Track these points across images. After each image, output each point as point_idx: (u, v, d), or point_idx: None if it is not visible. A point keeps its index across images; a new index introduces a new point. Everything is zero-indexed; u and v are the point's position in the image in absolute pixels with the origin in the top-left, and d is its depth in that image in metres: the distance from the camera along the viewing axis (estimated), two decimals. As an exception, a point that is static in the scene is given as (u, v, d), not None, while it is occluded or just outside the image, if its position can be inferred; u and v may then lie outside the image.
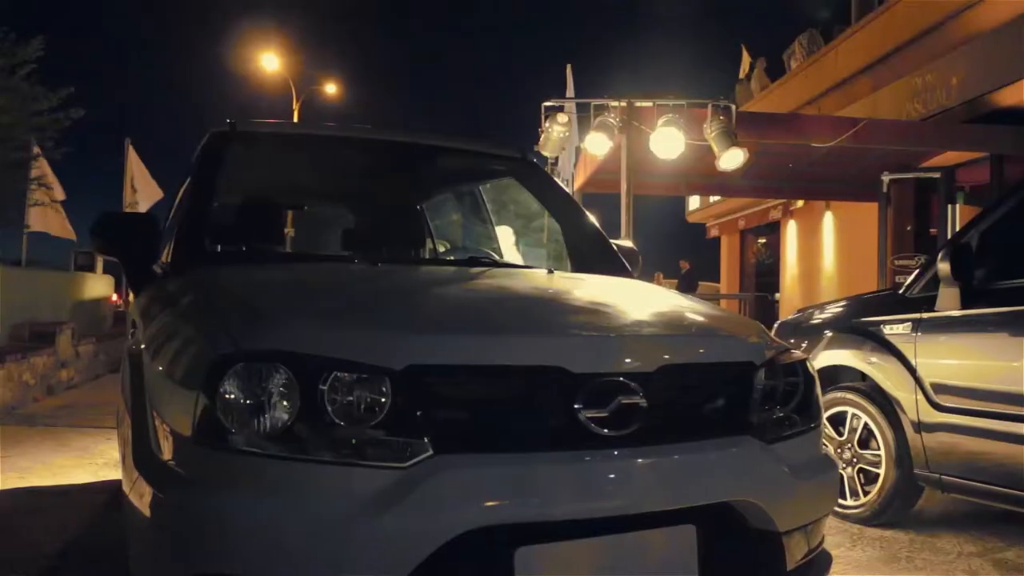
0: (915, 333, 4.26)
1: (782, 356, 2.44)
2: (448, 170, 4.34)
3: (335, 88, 26.22)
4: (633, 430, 2.02)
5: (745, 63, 20.29)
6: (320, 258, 3.58)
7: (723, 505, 2.13)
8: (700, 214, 21.15)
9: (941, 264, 4.03)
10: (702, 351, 2.32)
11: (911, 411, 4.25)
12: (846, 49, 14.09)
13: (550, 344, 2.09)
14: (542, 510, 1.91)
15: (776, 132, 9.83)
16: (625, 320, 2.43)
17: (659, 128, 8.16)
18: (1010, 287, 3.96)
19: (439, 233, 4.72)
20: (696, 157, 9.10)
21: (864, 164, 10.71)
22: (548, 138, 9.02)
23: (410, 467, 1.84)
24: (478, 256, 3.55)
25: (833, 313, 5.07)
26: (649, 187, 11.83)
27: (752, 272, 20.66)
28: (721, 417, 2.27)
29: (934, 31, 11.28)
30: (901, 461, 4.34)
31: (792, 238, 17.13)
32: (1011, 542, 4.24)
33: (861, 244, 12.46)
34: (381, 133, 3.94)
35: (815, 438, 2.49)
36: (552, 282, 2.99)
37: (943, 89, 10.27)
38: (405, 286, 2.78)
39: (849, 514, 4.55)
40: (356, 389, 1.89)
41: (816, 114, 13.48)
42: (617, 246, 3.65)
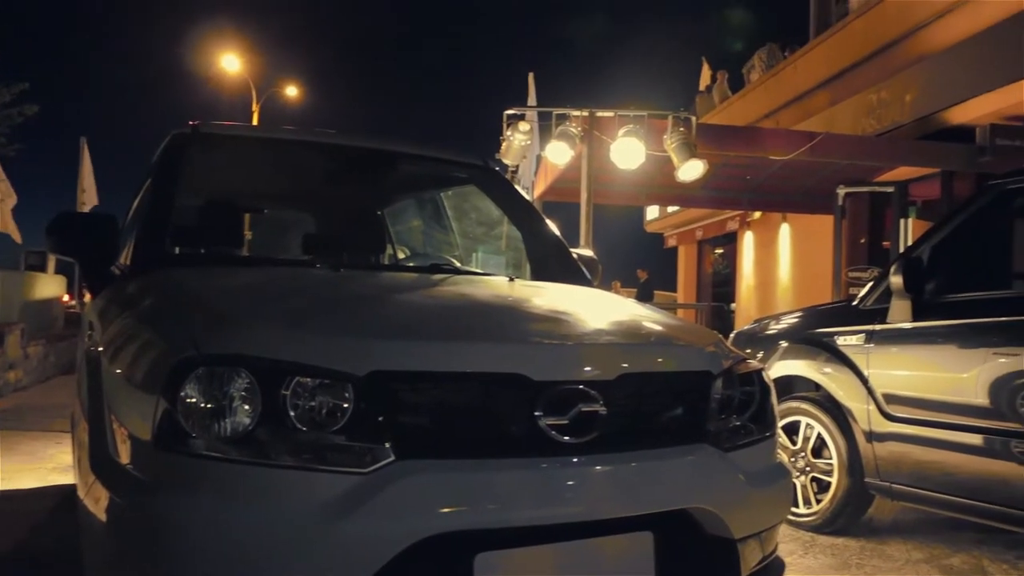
0: (868, 344, 4.34)
1: (739, 366, 2.48)
2: (409, 176, 4.34)
3: (296, 91, 26.05)
4: (592, 437, 2.05)
5: (706, 75, 20.51)
6: (282, 262, 3.56)
7: (680, 512, 2.16)
8: (658, 224, 21.30)
9: (893, 277, 4.12)
10: (660, 360, 2.35)
11: (863, 421, 4.32)
12: (804, 64, 14.29)
13: (511, 352, 2.10)
14: (502, 516, 1.92)
15: (735, 144, 9.95)
16: (585, 329, 2.46)
17: (620, 138, 8.22)
18: (959, 300, 4.05)
19: (400, 239, 4.71)
20: (656, 168, 9.18)
21: (820, 177, 10.88)
22: (510, 146, 9.05)
23: (371, 473, 1.84)
24: (440, 263, 3.56)
25: (788, 324, 5.15)
26: (609, 196, 11.92)
27: (709, 282, 20.84)
28: (678, 425, 2.30)
29: (889, 49, 11.49)
30: (853, 470, 4.41)
31: (749, 249, 17.32)
32: (957, 548, 4.33)
33: (816, 256, 12.63)
34: (343, 138, 3.93)
35: (770, 447, 2.53)
36: (513, 290, 3.01)
37: (897, 106, 10.47)
38: (367, 292, 2.77)
39: (802, 522, 4.62)
40: (318, 394, 1.89)
41: (774, 127, 13.66)
42: (577, 255, 3.68)
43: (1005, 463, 3.70)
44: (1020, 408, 3.63)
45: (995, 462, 3.75)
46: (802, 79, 14.19)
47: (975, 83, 9.17)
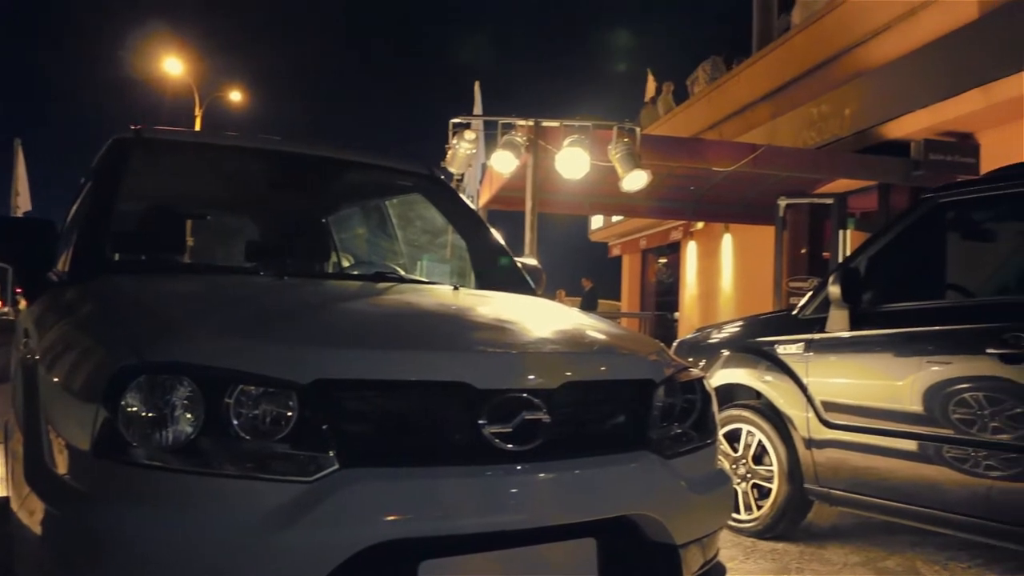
0: (807, 353, 4.42)
1: (680, 374, 2.52)
2: (354, 184, 4.33)
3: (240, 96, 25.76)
4: (536, 445, 2.06)
5: (651, 87, 20.69)
6: (225, 270, 3.52)
7: (622, 519, 2.18)
8: (603, 233, 21.41)
9: (831, 287, 4.20)
10: (603, 368, 2.38)
11: (802, 428, 4.40)
12: (747, 77, 14.51)
13: (455, 360, 2.11)
14: (446, 524, 1.93)
15: (678, 155, 10.06)
16: (529, 337, 2.47)
17: (565, 148, 8.27)
18: (894, 310, 4.15)
19: (344, 247, 4.68)
20: (600, 177, 9.25)
21: (762, 188, 11.05)
22: (455, 154, 9.06)
23: (315, 481, 1.84)
24: (385, 271, 3.56)
25: (730, 333, 5.22)
26: (554, 205, 11.97)
27: (653, 291, 21.00)
28: (621, 433, 2.32)
29: (829, 64, 11.71)
30: (792, 476, 4.49)
31: (692, 258, 17.50)
32: (892, 551, 4.43)
33: (758, 266, 12.81)
34: (288, 145, 3.90)
35: (711, 453, 2.57)
36: (457, 299, 3.02)
37: (836, 120, 10.68)
38: (312, 300, 2.76)
39: (743, 528, 4.68)
40: (262, 403, 1.88)
41: (717, 139, 13.84)
42: (521, 263, 3.70)
43: (938, 468, 3.79)
44: (952, 414, 3.73)
45: (928, 467, 3.84)
46: (745, 92, 14.40)
47: (909, 99, 9.41)
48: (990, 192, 4.17)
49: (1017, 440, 3.52)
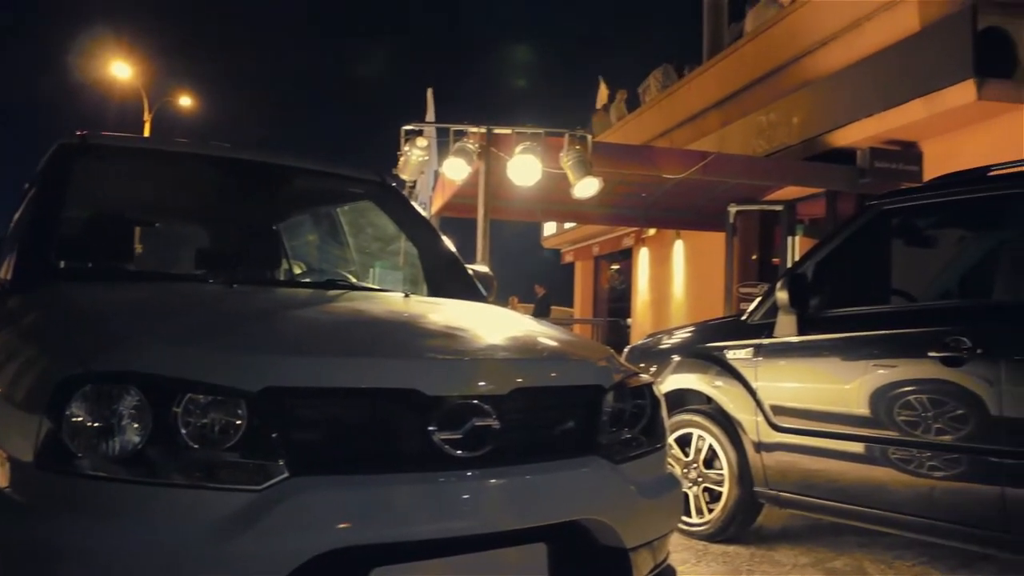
0: (756, 358, 4.48)
1: (630, 380, 2.54)
2: (305, 191, 4.31)
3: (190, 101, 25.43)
4: (486, 451, 2.07)
5: (603, 94, 20.82)
6: (174, 277, 3.49)
7: (573, 523, 2.19)
8: (555, 240, 21.50)
9: (779, 293, 4.26)
10: (553, 375, 2.39)
11: (752, 432, 4.45)
12: (698, 85, 14.66)
13: (405, 367, 2.12)
14: (397, 531, 1.93)
15: (630, 163, 10.14)
16: (479, 344, 2.48)
17: (517, 155, 8.29)
18: (841, 315, 4.22)
19: (295, 254, 4.66)
20: (553, 184, 9.28)
21: (712, 195, 11.17)
22: (407, 161, 9.02)
23: (265, 490, 1.83)
24: (335, 279, 3.54)
25: (681, 338, 5.26)
26: (506, 212, 11.99)
27: (605, 297, 21.10)
28: (571, 438, 2.34)
29: (778, 73, 11.88)
30: (743, 480, 4.54)
31: (644, 265, 17.63)
32: (840, 552, 4.51)
33: (709, 272, 12.93)
34: (238, 152, 3.88)
35: (660, 458, 2.60)
36: (408, 306, 3.02)
37: (785, 128, 10.85)
38: (261, 307, 2.75)
39: (695, 531, 4.72)
40: (211, 411, 1.86)
41: (668, 147, 13.96)
42: (473, 271, 3.71)
43: (884, 469, 3.87)
44: (897, 417, 3.80)
45: (875, 469, 3.91)
46: (696, 100, 14.55)
47: (855, 109, 9.59)
48: (931, 200, 4.28)
49: (959, 441, 3.60)
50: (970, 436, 3.56)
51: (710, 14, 16.03)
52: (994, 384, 3.48)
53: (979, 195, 4.02)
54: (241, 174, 3.84)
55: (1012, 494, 3.42)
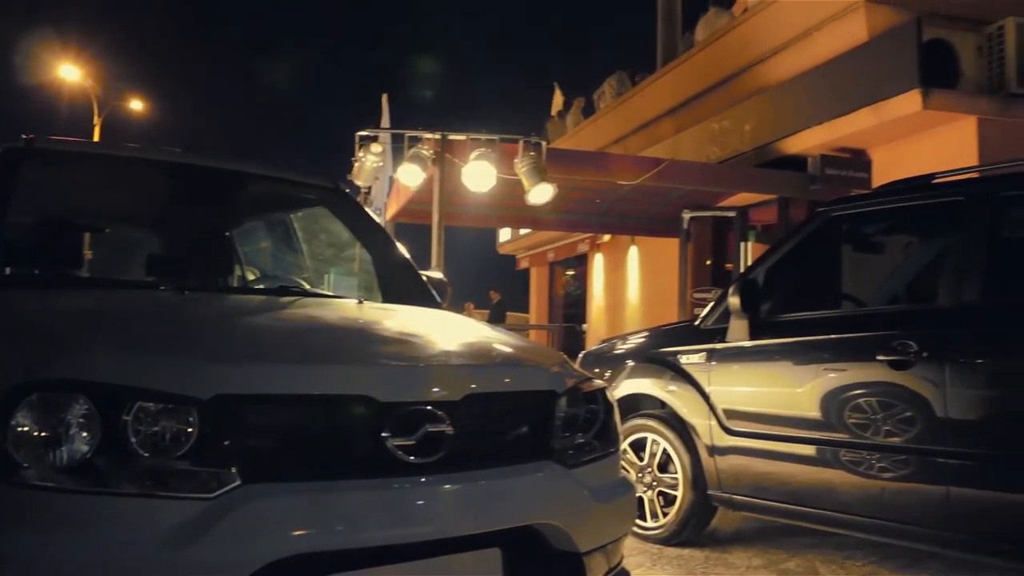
0: (709, 363, 4.52)
1: (583, 385, 2.56)
2: (258, 197, 4.27)
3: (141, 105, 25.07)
4: (440, 457, 2.07)
5: (558, 100, 20.89)
6: (123, 284, 3.44)
7: (527, 528, 2.21)
8: (511, 246, 21.50)
9: (731, 298, 4.31)
10: (507, 380, 2.40)
11: (705, 436, 4.49)
12: (652, 92, 14.76)
13: (358, 373, 2.11)
14: (351, 537, 1.92)
15: (584, 169, 10.19)
16: (432, 350, 2.48)
17: (471, 161, 8.31)
18: (791, 320, 4.28)
19: (249, 261, 4.62)
20: (507, 190, 9.31)
21: (666, 201, 11.27)
22: (362, 167, 9.02)
23: (216, 497, 1.82)
24: (288, 285, 3.52)
25: (634, 344, 5.30)
26: (461, 218, 12.01)
27: (561, 303, 21.15)
28: (525, 443, 2.35)
29: (730, 81, 12.00)
30: (696, 483, 4.58)
31: (599, 271, 17.71)
32: (793, 553, 4.56)
33: (663, 277, 13.03)
34: (190, 157, 3.84)
35: (614, 462, 2.62)
36: (361, 312, 3.01)
37: (737, 135, 10.97)
38: (213, 314, 2.72)
39: (650, 535, 4.75)
40: (161, 419, 1.85)
41: (622, 153, 14.06)
42: (427, 277, 3.71)
43: (835, 471, 3.92)
44: (847, 419, 3.86)
45: (826, 471, 3.97)
46: (650, 107, 14.65)
47: (805, 116, 9.73)
48: (878, 206, 4.36)
49: (906, 442, 3.67)
50: (917, 437, 3.63)
51: (664, 22, 16.16)
52: (939, 387, 3.54)
53: (924, 202, 4.11)
54: (193, 180, 3.80)
55: (957, 493, 3.49)
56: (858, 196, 4.80)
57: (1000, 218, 3.81)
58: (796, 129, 9.87)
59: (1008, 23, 8.40)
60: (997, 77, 8.51)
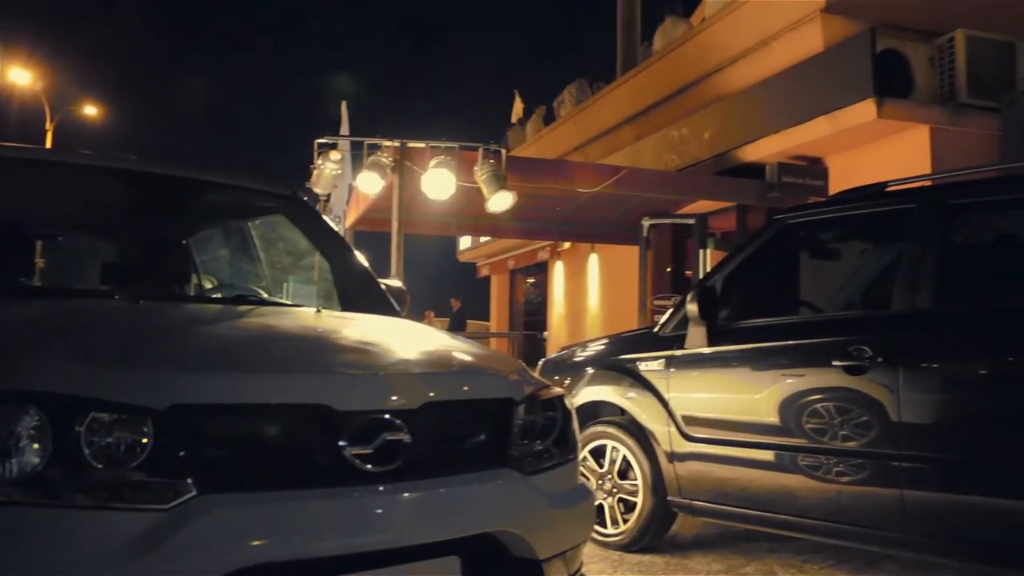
0: (668, 369, 4.55)
1: (541, 392, 2.57)
2: (215, 205, 4.24)
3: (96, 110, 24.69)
4: (398, 465, 2.07)
5: (518, 108, 20.95)
6: (76, 293, 3.39)
7: (486, 535, 2.21)
8: (471, 254, 21.52)
9: (689, 305, 4.34)
10: (464, 388, 2.41)
11: (664, 442, 4.52)
12: (611, 100, 14.85)
13: (315, 382, 2.11)
14: (308, 547, 1.91)
15: (544, 177, 10.22)
16: (390, 359, 2.48)
17: (431, 169, 8.30)
18: (748, 326, 4.32)
19: (206, 269, 4.57)
20: (467, 198, 9.32)
21: (626, 209, 11.34)
22: (320, 175, 8.97)
23: (172, 508, 1.80)
24: (245, 294, 3.49)
25: (594, 351, 5.31)
26: (421, 226, 12.00)
27: (521, 311, 21.20)
28: (483, 451, 2.36)
29: (689, 90, 12.11)
30: (656, 490, 4.59)
31: (559, 278, 17.76)
32: (752, 557, 4.60)
33: (623, 284, 13.09)
34: (145, 164, 3.80)
35: (572, 469, 2.63)
36: (319, 321, 3.00)
37: (696, 143, 11.07)
38: (169, 323, 2.69)
39: (610, 542, 4.77)
40: (116, 430, 1.83)
41: (582, 161, 14.12)
42: (386, 285, 3.70)
43: (793, 476, 3.96)
44: (804, 424, 3.90)
45: (784, 475, 4.01)
46: (609, 115, 14.74)
47: (763, 125, 9.85)
48: (832, 214, 4.42)
49: (862, 446, 3.71)
50: (872, 441, 3.68)
51: (624, 31, 16.29)
52: (894, 391, 3.60)
53: (877, 210, 4.17)
54: (148, 187, 3.75)
55: (910, 496, 3.54)
56: (813, 204, 4.87)
57: (951, 225, 3.88)
58: (754, 137, 9.98)
59: (958, 35, 8.58)
60: (948, 87, 8.69)
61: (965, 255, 4.09)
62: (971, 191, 4.03)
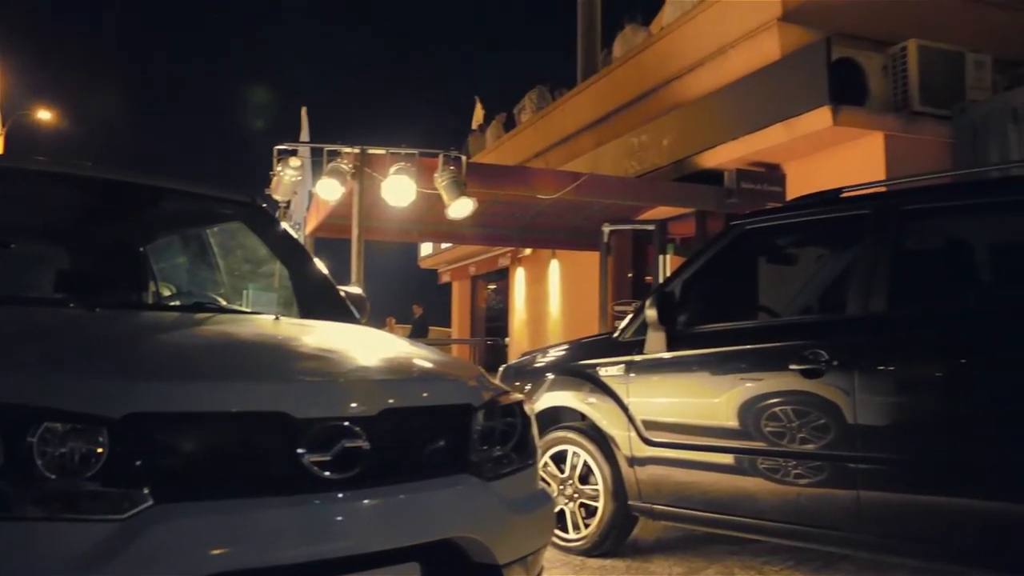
0: (628, 374, 4.57)
1: (500, 398, 2.58)
2: (173, 212, 4.20)
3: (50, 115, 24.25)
4: (357, 472, 2.07)
5: (479, 115, 20.97)
6: (31, 301, 3.34)
7: (446, 542, 2.21)
8: (432, 260, 21.46)
9: (648, 310, 4.37)
10: (423, 395, 2.41)
11: (625, 447, 4.54)
12: (572, 107, 14.92)
13: (272, 390, 2.10)
14: (267, 555, 1.91)
15: (504, 183, 10.24)
16: (348, 366, 2.48)
17: (391, 176, 8.28)
18: (707, 331, 4.36)
19: (164, 277, 4.53)
20: (428, 205, 9.31)
21: (586, 215, 11.38)
22: (280, 181, 8.91)
23: (128, 519, 1.78)
24: (203, 301, 3.47)
25: (555, 356, 5.33)
26: (382, 233, 11.96)
27: (483, 317, 21.18)
28: (442, 457, 2.36)
29: (648, 97, 12.20)
30: (617, 494, 4.62)
31: (521, 284, 17.78)
32: (712, 560, 4.63)
33: (584, 290, 13.15)
34: (101, 171, 3.76)
35: (532, 474, 2.64)
36: (277, 328, 2.98)
37: (656, 149, 11.14)
38: (125, 332, 2.67)
39: (572, 547, 4.78)
40: (70, 440, 1.81)
41: (543, 167, 14.16)
42: (345, 292, 3.70)
43: (753, 479, 4.00)
44: (763, 428, 3.95)
45: (744, 479, 4.05)
46: (569, 121, 14.80)
47: (721, 132, 9.93)
48: (788, 219, 4.48)
49: (819, 448, 3.76)
50: (829, 444, 3.73)
51: (584, 38, 16.38)
52: (849, 394, 3.65)
53: (832, 215, 4.23)
54: (105, 194, 3.72)
55: (866, 497, 3.60)
56: (769, 210, 4.93)
57: (904, 231, 3.95)
58: (713, 144, 10.07)
59: (910, 44, 8.75)
60: (902, 95, 8.84)
61: (918, 260, 4.16)
62: (923, 197, 4.10)
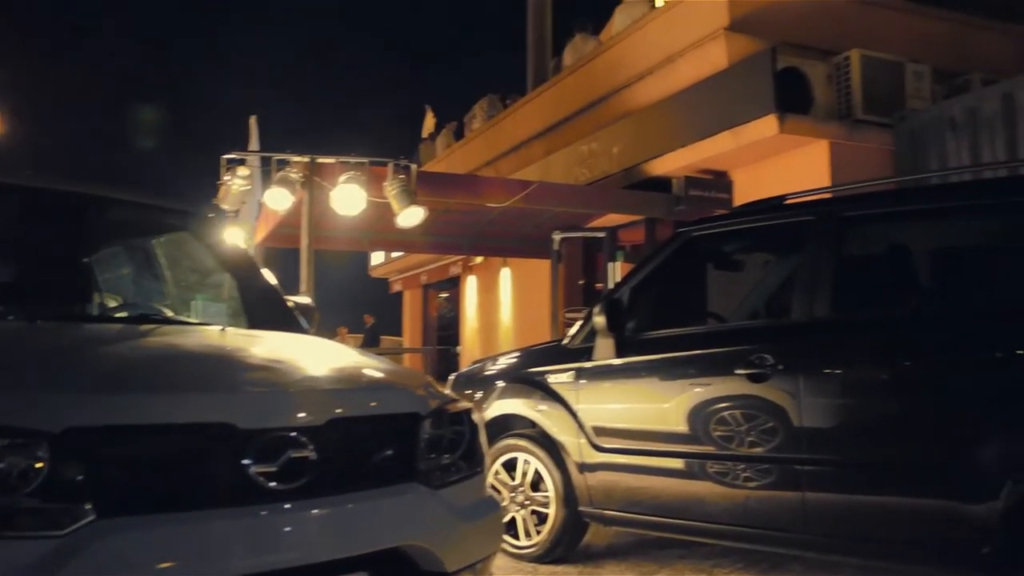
0: (577, 381, 4.60)
1: (447, 406, 2.59)
2: (118, 223, 4.14)
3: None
4: (303, 482, 2.07)
5: (429, 123, 20.93)
6: None
7: (394, 550, 2.21)
8: (383, 269, 21.37)
9: (597, 318, 4.40)
10: (371, 404, 2.42)
11: (575, 453, 4.56)
12: (522, 115, 14.95)
13: (216, 401, 2.09)
14: (213, 568, 1.90)
15: (454, 192, 10.24)
16: (294, 376, 2.47)
17: (340, 185, 8.24)
18: (655, 337, 4.41)
19: (108, 288, 4.46)
20: (378, 214, 9.27)
21: (537, 223, 11.41)
22: (228, 191, 8.82)
23: (68, 535, 1.76)
24: (149, 313, 3.43)
25: (505, 364, 5.34)
26: (332, 242, 11.89)
27: (435, 325, 21.11)
28: (390, 466, 2.36)
29: (598, 104, 12.26)
30: (568, 501, 4.64)
31: (472, 293, 17.76)
32: (663, 564, 4.68)
33: (536, 298, 13.17)
34: (42, 180, 3.69)
35: (480, 482, 2.65)
36: (223, 339, 2.96)
37: (605, 157, 11.21)
38: (66, 344, 2.63)
39: (524, 553, 4.79)
40: (8, 455, 1.78)
41: (493, 176, 14.17)
42: (294, 302, 3.68)
43: (702, 483, 4.05)
44: (711, 432, 3.99)
45: (693, 483, 4.09)
46: (520, 129, 14.83)
47: (670, 139, 10.02)
48: (733, 226, 4.54)
49: (766, 452, 3.82)
50: (775, 447, 3.79)
51: (534, 47, 16.43)
52: (795, 397, 3.71)
53: (776, 222, 4.30)
54: (47, 204, 3.65)
55: (812, 498, 3.66)
56: (715, 217, 4.99)
57: (846, 236, 4.02)
58: (661, 151, 10.15)
59: (853, 55, 8.93)
60: (845, 104, 9.01)
61: (860, 265, 4.24)
62: (864, 203, 4.19)
